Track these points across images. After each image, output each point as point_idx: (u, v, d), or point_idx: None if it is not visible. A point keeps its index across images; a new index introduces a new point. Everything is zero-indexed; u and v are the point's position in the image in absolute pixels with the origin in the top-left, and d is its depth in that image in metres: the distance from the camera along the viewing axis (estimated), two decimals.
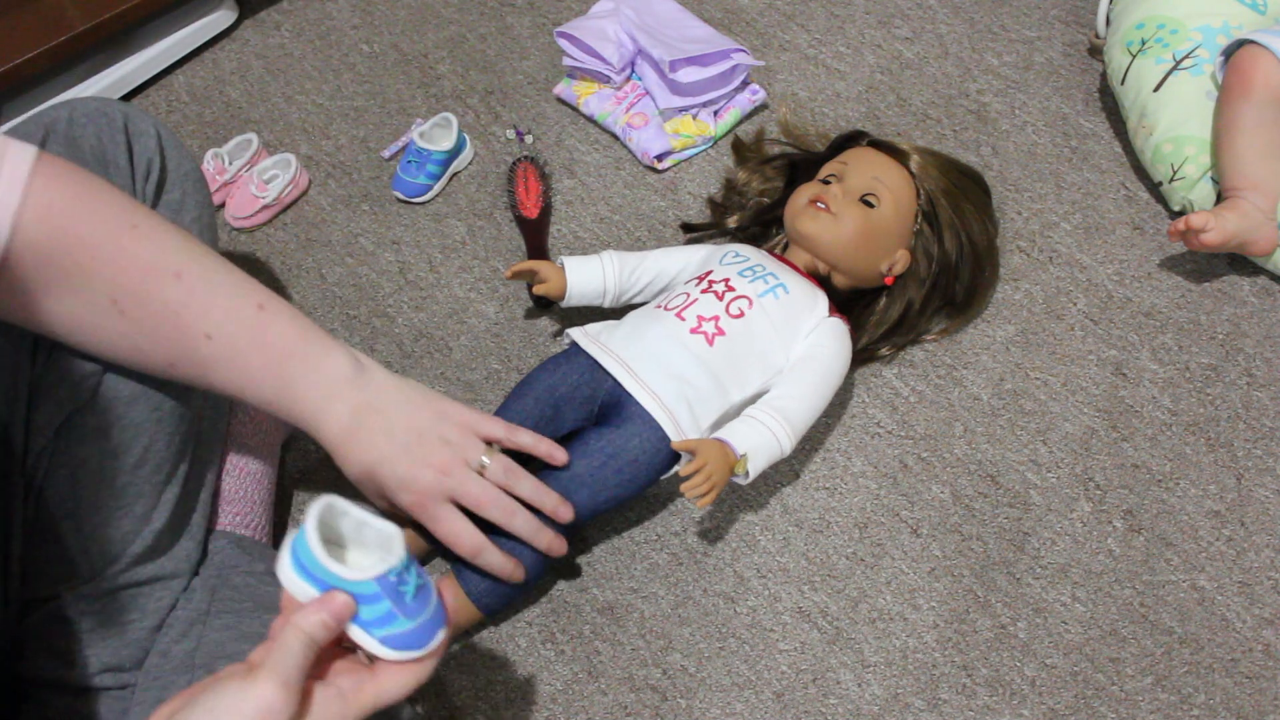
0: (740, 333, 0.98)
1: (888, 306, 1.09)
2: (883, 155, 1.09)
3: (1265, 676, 0.95)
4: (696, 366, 0.96)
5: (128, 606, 0.80)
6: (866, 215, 1.04)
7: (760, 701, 0.94)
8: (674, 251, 1.10)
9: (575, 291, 1.07)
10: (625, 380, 0.95)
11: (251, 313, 0.76)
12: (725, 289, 1.00)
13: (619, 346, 0.98)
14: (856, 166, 1.07)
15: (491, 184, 1.29)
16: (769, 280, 1.01)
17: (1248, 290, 1.17)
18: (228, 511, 0.93)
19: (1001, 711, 0.94)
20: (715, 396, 0.96)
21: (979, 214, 1.11)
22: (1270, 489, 1.04)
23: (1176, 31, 1.21)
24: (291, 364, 0.77)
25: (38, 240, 0.68)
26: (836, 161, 1.10)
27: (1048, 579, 1.00)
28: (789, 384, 0.98)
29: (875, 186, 1.05)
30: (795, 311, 1.00)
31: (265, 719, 0.55)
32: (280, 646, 0.57)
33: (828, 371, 1.00)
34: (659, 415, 0.93)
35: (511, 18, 1.45)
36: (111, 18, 1.30)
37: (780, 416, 0.95)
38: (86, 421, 0.78)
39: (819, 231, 1.04)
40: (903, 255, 1.07)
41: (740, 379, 0.98)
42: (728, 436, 0.93)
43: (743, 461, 0.92)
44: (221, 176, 1.27)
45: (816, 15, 1.43)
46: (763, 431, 0.94)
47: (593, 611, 0.99)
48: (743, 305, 0.99)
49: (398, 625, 0.60)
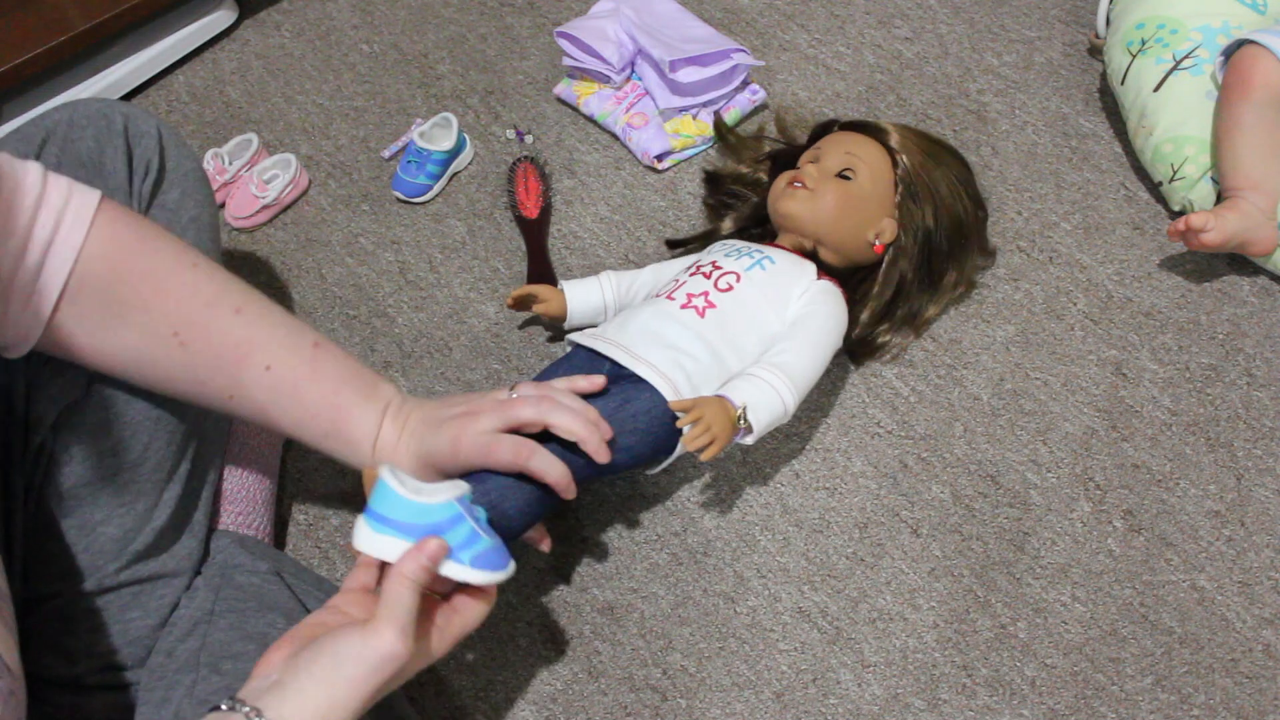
0: (730, 303, 0.99)
1: (883, 280, 1.08)
2: (855, 133, 1.11)
3: (1265, 676, 0.95)
4: (690, 337, 0.96)
5: (129, 604, 0.80)
6: (844, 187, 1.06)
7: (760, 701, 0.95)
8: (669, 264, 1.12)
9: (575, 311, 1.10)
10: (622, 358, 0.95)
11: (308, 348, 0.80)
12: (712, 268, 1.02)
13: (614, 332, 0.99)
14: (830, 147, 1.10)
15: (491, 184, 1.29)
16: (754, 255, 1.03)
17: (1248, 290, 1.17)
18: (230, 511, 0.93)
19: (1001, 711, 0.94)
20: (714, 366, 0.96)
21: (955, 182, 1.11)
22: (1270, 489, 1.04)
23: (1176, 31, 1.21)
24: (345, 393, 0.80)
25: (101, 274, 0.72)
26: (812, 149, 1.12)
27: (1048, 579, 1.00)
28: (785, 342, 0.99)
29: (850, 161, 1.07)
30: (783, 279, 1.02)
31: (388, 664, 0.61)
32: (391, 597, 0.63)
33: (822, 329, 1.00)
34: (657, 381, 0.92)
35: (511, 18, 1.45)
36: (111, 18, 1.30)
37: (778, 371, 0.95)
38: (86, 419, 0.78)
39: (798, 209, 1.06)
40: (889, 224, 1.07)
41: (736, 347, 0.98)
42: (725, 391, 0.93)
43: (743, 413, 0.91)
44: (221, 176, 1.27)
45: (816, 15, 1.43)
46: (761, 385, 0.94)
47: (593, 611, 0.99)
48: (730, 280, 1.01)
49: (481, 544, 0.68)
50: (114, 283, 0.72)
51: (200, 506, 0.87)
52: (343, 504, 1.06)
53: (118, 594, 0.80)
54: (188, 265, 0.76)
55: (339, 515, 1.05)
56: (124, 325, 0.73)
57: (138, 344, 0.74)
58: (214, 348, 0.76)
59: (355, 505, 1.06)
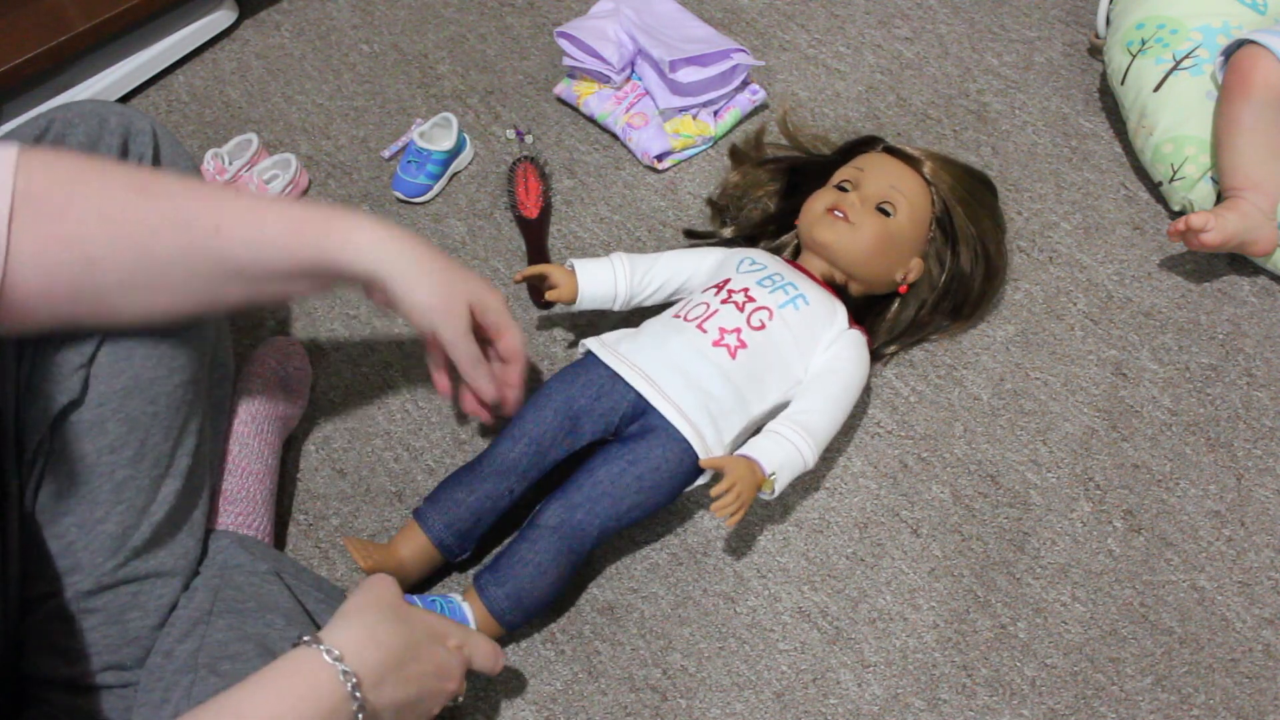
0: (762, 344, 0.97)
1: (899, 312, 1.09)
2: (898, 162, 1.08)
3: (1265, 676, 0.95)
4: (719, 379, 0.95)
5: (127, 603, 0.80)
6: (884, 224, 1.03)
7: (760, 701, 0.95)
8: (685, 254, 1.09)
9: (586, 295, 1.06)
10: (648, 393, 0.94)
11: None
12: (745, 299, 0.99)
13: (640, 358, 0.97)
14: (873, 173, 1.06)
15: (491, 184, 1.29)
16: (789, 290, 1.01)
17: (1248, 290, 1.17)
18: (230, 511, 0.93)
19: (1001, 711, 0.94)
20: (737, 409, 0.96)
21: (995, 227, 1.11)
22: (1270, 489, 1.04)
23: (1176, 31, 1.21)
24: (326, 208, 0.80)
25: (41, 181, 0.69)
26: (851, 167, 1.09)
27: (1048, 579, 1.00)
28: (811, 397, 0.98)
29: (892, 195, 1.04)
30: (815, 323, 1.00)
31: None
32: None
33: (848, 384, 1.00)
34: (684, 429, 0.93)
35: (511, 18, 1.45)
36: (111, 18, 1.30)
37: (804, 431, 0.95)
38: (83, 417, 0.78)
39: (836, 240, 1.03)
40: (916, 264, 1.07)
41: (761, 391, 0.98)
42: (755, 454, 0.93)
43: (770, 480, 0.93)
44: (221, 176, 1.27)
45: (816, 15, 1.43)
46: (788, 448, 0.95)
47: (593, 611, 0.99)
48: (763, 317, 0.98)
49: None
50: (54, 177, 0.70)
51: (199, 505, 0.87)
52: (343, 504, 1.06)
53: (116, 593, 0.80)
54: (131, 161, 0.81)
55: (339, 515, 1.05)
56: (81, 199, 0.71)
57: (100, 207, 0.71)
58: (178, 190, 0.75)
59: (355, 505, 1.06)
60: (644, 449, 0.93)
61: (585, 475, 0.93)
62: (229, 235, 0.75)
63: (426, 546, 0.93)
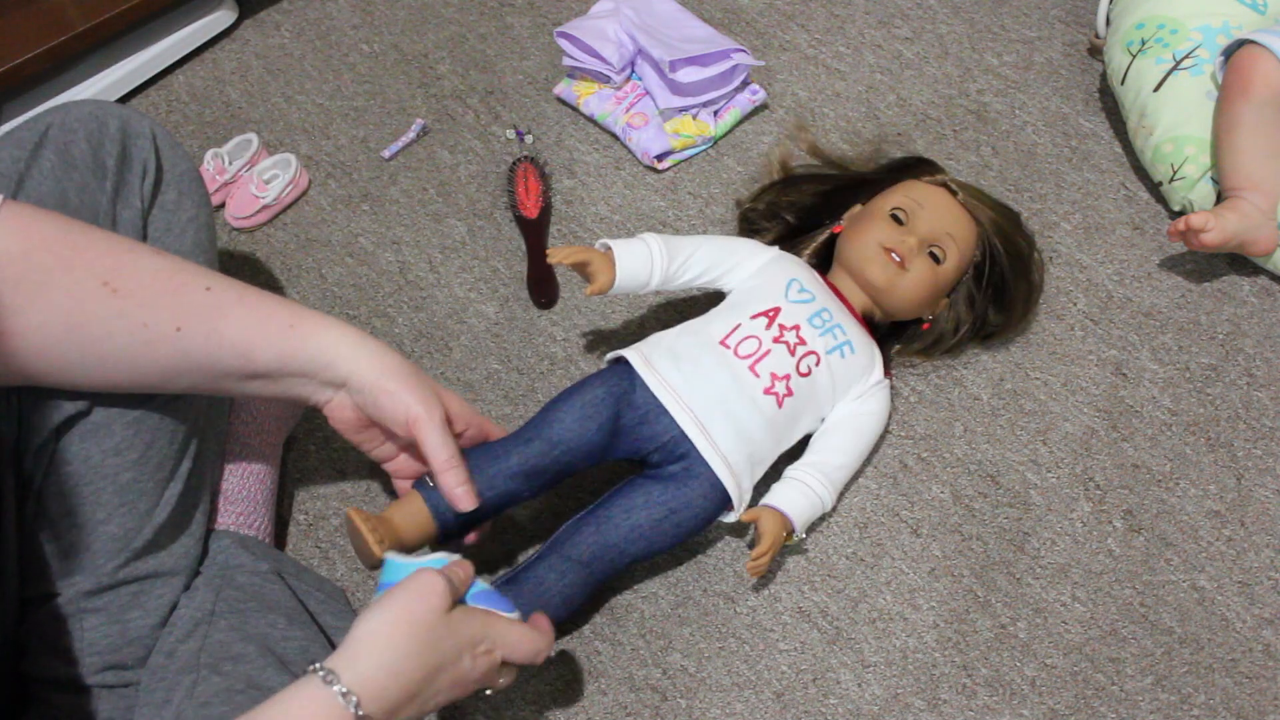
0: (805, 391, 0.97)
1: (920, 340, 1.10)
2: (954, 202, 1.05)
3: (1265, 676, 0.95)
4: (765, 427, 0.95)
5: (128, 604, 0.80)
6: (933, 271, 1.02)
7: (760, 701, 0.95)
8: (725, 248, 1.04)
9: (621, 284, 1.00)
10: (697, 440, 0.92)
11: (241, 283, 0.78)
12: (797, 341, 0.97)
13: (687, 392, 0.93)
14: (931, 212, 1.03)
15: (491, 184, 1.29)
16: (836, 336, 0.99)
17: (1248, 290, 1.17)
18: (230, 511, 0.93)
19: (1001, 711, 0.94)
20: (772, 452, 0.98)
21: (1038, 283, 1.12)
22: (1270, 489, 1.04)
23: (1176, 31, 1.21)
24: (295, 307, 0.79)
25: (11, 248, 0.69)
26: (907, 196, 1.05)
27: (1048, 579, 1.00)
28: (838, 448, 1.00)
29: (945, 241, 1.02)
30: (855, 372, 1.00)
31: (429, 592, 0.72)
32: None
33: (874, 431, 1.02)
34: (727, 482, 0.93)
35: (511, 18, 1.45)
36: (111, 18, 1.30)
37: (830, 484, 0.98)
38: (90, 419, 0.78)
39: (889, 284, 1.01)
40: (944, 304, 1.07)
41: (792, 433, 0.99)
42: (786, 508, 0.95)
43: (799, 535, 0.96)
44: (221, 176, 1.27)
45: (816, 15, 1.43)
46: (814, 501, 0.97)
47: (593, 611, 0.99)
48: (811, 363, 0.97)
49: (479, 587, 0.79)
50: (29, 250, 0.70)
51: (200, 506, 0.87)
52: (343, 504, 1.06)
53: (116, 593, 0.80)
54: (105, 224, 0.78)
55: (339, 515, 1.05)
56: (49, 288, 0.70)
57: (66, 303, 0.71)
58: (147, 285, 0.73)
59: (355, 505, 1.06)
60: (686, 496, 0.92)
61: (623, 516, 0.91)
62: (189, 334, 0.75)
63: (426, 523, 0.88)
